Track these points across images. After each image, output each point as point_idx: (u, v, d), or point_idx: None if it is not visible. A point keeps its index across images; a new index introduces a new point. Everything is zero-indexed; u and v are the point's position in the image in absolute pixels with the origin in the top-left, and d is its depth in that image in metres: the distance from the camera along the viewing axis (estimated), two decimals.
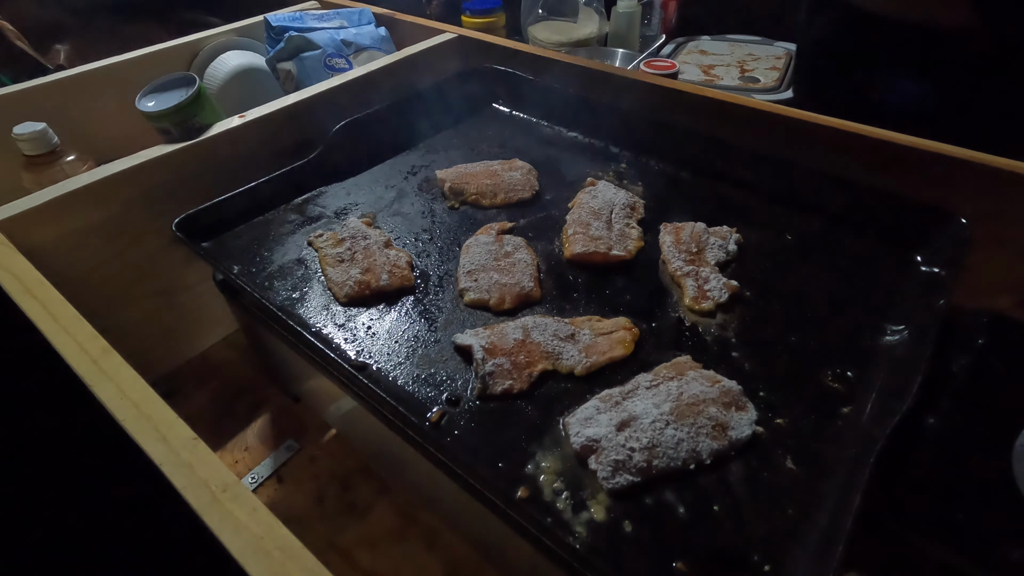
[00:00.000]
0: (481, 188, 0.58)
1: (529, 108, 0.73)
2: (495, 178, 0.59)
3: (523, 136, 0.69)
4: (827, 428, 0.37)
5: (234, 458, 0.55)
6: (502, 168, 0.60)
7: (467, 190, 0.58)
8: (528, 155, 0.64)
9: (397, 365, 0.42)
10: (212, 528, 0.29)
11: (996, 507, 0.34)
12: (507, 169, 0.60)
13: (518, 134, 0.69)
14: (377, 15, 0.93)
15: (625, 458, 0.34)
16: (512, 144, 0.67)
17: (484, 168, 0.60)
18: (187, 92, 0.61)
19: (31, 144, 0.59)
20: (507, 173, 0.60)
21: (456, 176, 0.59)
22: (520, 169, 0.60)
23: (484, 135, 0.69)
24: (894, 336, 0.43)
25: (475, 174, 0.59)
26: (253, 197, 0.55)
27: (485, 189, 0.58)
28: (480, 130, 0.71)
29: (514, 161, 0.62)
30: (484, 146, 0.67)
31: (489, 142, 0.68)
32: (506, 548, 0.41)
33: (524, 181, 0.59)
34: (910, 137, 0.54)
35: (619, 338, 0.42)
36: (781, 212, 0.55)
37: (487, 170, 0.60)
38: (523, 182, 0.59)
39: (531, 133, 0.70)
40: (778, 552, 0.31)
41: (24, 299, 0.41)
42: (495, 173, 0.59)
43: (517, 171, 0.60)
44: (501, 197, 0.58)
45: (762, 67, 1.16)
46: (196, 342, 0.66)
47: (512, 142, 0.68)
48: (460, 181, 0.58)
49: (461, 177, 0.59)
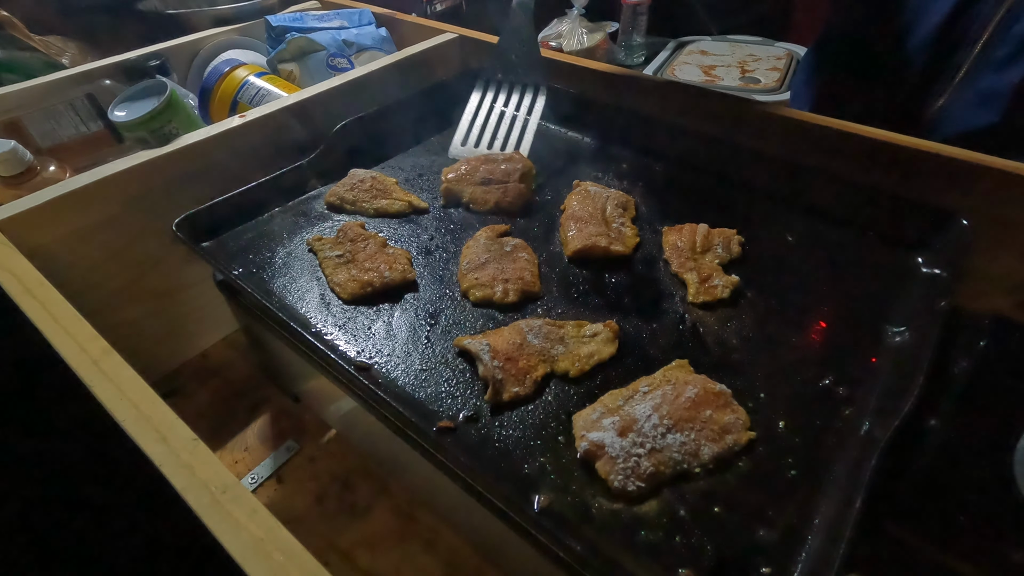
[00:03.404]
0: (475, 195, 0.57)
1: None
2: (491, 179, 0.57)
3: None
4: (828, 430, 0.37)
5: (234, 458, 0.55)
6: (500, 166, 0.58)
7: (464, 192, 0.57)
8: (528, 155, 0.64)
9: (398, 365, 0.42)
10: (212, 530, 0.28)
11: (997, 509, 0.34)
12: (502, 165, 0.58)
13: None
14: (377, 15, 0.93)
15: (631, 463, 0.34)
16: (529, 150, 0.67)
17: (483, 168, 0.59)
18: (159, 100, 0.61)
19: (4, 165, 0.57)
20: (500, 166, 0.58)
21: (455, 178, 0.58)
22: (515, 162, 0.59)
23: None
24: (895, 337, 0.43)
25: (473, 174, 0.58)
26: (253, 197, 0.55)
27: (479, 195, 0.57)
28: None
29: (513, 155, 0.60)
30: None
31: None
32: (506, 549, 0.41)
33: (518, 189, 0.57)
34: (910, 137, 0.54)
35: (605, 338, 0.43)
36: (782, 213, 0.55)
37: (485, 169, 0.58)
38: (517, 190, 0.57)
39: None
40: (780, 554, 0.31)
41: (24, 299, 0.41)
42: (490, 175, 0.58)
43: (514, 167, 0.58)
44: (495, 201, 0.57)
45: (763, 68, 1.16)
46: (196, 342, 0.66)
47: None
48: (458, 183, 0.58)
49: (460, 179, 0.58)
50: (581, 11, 1.26)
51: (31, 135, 0.71)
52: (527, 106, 0.64)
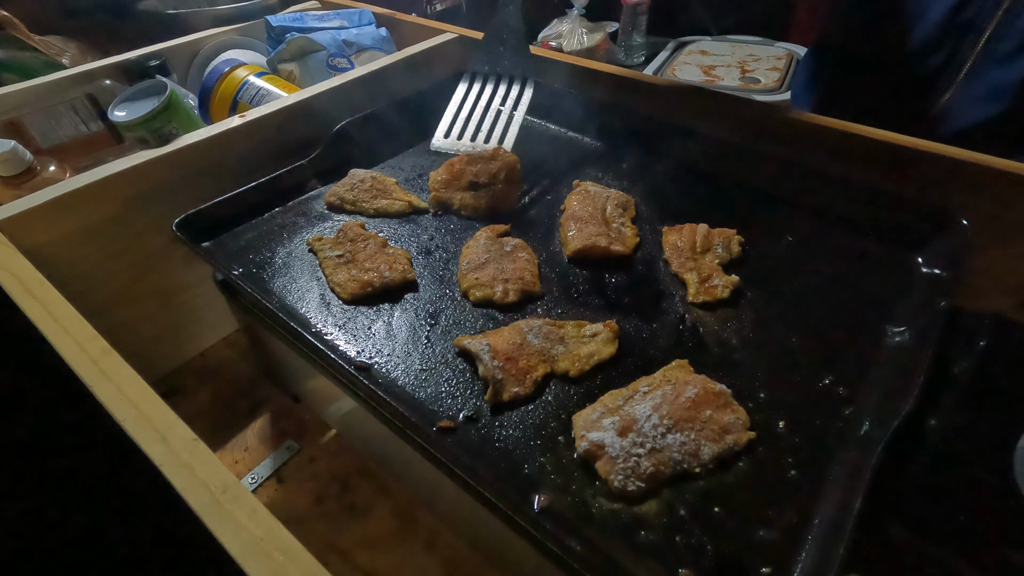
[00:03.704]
0: (465, 201, 0.56)
1: (530, 108, 0.72)
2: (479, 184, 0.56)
3: (524, 136, 0.69)
4: (828, 430, 0.37)
5: (234, 458, 0.55)
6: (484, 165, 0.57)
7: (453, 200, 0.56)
8: (529, 155, 0.64)
9: (398, 365, 0.42)
10: (212, 530, 0.28)
11: (997, 509, 0.34)
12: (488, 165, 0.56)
13: (518, 134, 0.69)
14: (377, 15, 0.93)
15: (631, 463, 0.34)
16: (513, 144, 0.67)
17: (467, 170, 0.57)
18: (159, 100, 0.61)
19: (4, 166, 0.57)
20: (486, 166, 0.56)
21: (442, 184, 0.57)
22: (499, 160, 0.57)
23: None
24: (895, 338, 0.43)
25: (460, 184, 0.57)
26: (253, 197, 0.55)
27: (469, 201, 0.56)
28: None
29: (497, 150, 0.58)
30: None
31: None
32: (506, 549, 0.41)
33: (506, 190, 0.56)
34: (910, 138, 0.54)
35: (605, 338, 0.43)
36: (782, 213, 0.55)
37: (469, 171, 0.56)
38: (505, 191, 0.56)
39: (532, 133, 0.70)
40: (780, 554, 0.31)
41: (24, 299, 0.41)
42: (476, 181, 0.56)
43: (499, 167, 0.56)
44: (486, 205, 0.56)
45: (763, 68, 1.16)
46: (196, 342, 0.66)
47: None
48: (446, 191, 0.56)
49: (447, 186, 0.57)
50: (581, 11, 1.26)
51: (31, 135, 0.71)
52: (513, 99, 0.63)
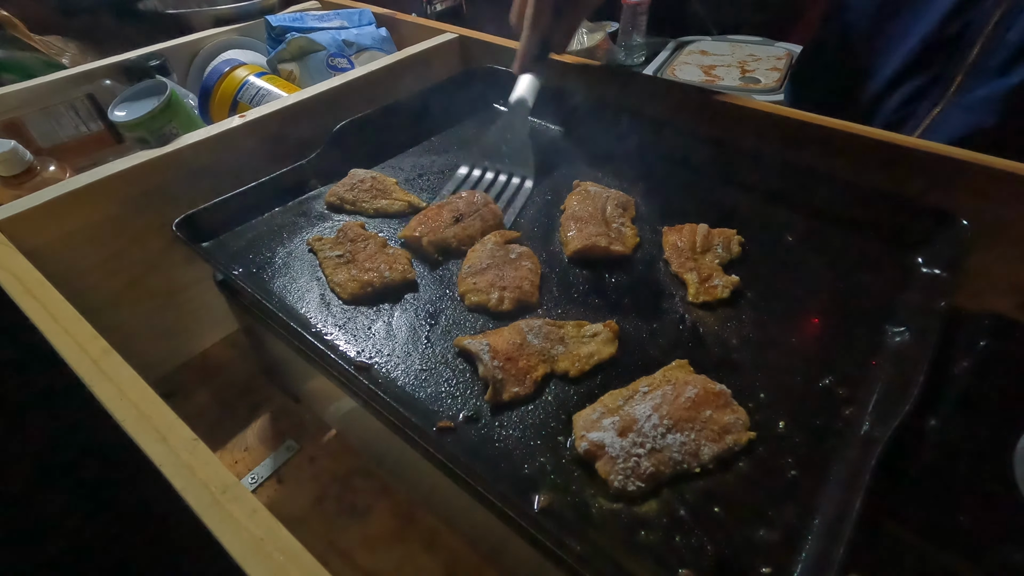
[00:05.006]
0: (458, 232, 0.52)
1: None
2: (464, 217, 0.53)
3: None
4: (828, 430, 0.37)
5: (234, 458, 0.55)
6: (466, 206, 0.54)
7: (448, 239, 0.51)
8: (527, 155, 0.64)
9: (398, 365, 0.42)
10: (212, 530, 0.28)
11: (997, 510, 0.34)
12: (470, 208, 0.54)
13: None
14: (377, 15, 0.93)
15: (631, 463, 0.34)
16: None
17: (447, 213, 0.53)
18: (159, 100, 0.61)
19: (4, 165, 0.57)
20: (458, 203, 0.54)
21: (429, 229, 0.51)
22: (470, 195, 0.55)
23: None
24: (895, 338, 0.43)
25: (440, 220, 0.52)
26: (253, 197, 0.55)
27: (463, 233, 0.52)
28: (480, 131, 0.70)
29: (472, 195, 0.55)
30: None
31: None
32: (506, 549, 0.41)
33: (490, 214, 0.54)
34: (910, 137, 0.54)
35: (605, 338, 0.43)
36: (782, 213, 0.55)
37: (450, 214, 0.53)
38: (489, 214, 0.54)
39: (532, 133, 0.70)
40: (780, 554, 0.31)
41: (24, 299, 0.41)
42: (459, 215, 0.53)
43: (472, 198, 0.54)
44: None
45: (763, 68, 1.16)
46: (196, 342, 0.66)
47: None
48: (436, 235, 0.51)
49: (432, 228, 0.52)
50: None
51: (31, 135, 0.71)
52: (513, 189, 0.61)
